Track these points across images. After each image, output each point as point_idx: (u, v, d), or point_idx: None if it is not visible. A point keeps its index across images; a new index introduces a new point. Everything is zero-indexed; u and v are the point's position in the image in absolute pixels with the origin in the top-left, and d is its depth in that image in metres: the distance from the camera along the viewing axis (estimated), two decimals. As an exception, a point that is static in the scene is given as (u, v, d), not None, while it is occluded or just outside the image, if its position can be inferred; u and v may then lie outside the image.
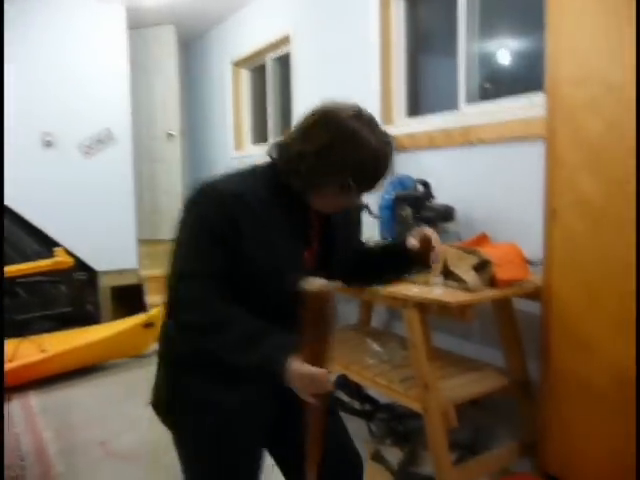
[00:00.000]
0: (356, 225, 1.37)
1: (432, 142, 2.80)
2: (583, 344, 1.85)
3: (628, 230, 1.70)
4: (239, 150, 5.05)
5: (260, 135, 4.96)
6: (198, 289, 1.06)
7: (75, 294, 4.09)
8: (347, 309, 3.13)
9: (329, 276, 1.00)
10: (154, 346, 3.71)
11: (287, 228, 1.14)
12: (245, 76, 5.02)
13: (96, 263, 4.18)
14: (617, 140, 1.71)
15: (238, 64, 4.94)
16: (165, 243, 5.32)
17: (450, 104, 2.90)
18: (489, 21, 2.83)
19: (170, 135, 5.00)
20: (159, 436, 2.55)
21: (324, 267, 1.20)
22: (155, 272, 4.25)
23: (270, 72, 4.63)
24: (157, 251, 4.57)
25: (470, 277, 1.93)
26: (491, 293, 1.95)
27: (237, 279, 1.09)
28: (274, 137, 4.67)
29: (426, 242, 1.22)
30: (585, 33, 1.79)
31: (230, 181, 1.12)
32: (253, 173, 1.16)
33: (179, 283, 1.08)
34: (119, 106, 4.21)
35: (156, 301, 3.97)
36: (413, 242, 1.25)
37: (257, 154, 4.72)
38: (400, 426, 2.34)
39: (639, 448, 1.53)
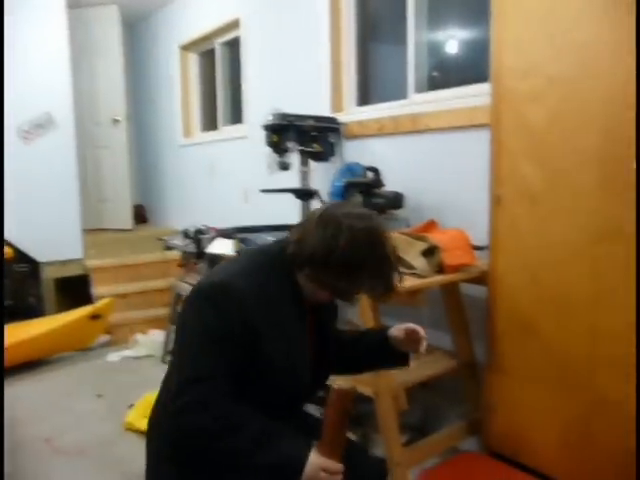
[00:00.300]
0: (335, 312, 1.38)
1: (381, 129, 2.82)
2: (526, 327, 1.92)
3: (566, 216, 1.77)
4: (188, 137, 4.94)
5: (210, 121, 4.86)
6: (210, 392, 1.05)
7: (16, 286, 3.91)
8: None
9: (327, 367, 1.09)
10: (101, 338, 3.62)
11: (295, 323, 1.17)
12: (193, 60, 4.89)
13: (39, 254, 4.00)
14: (558, 130, 1.77)
15: (186, 48, 4.81)
16: (111, 232, 5.10)
17: (399, 93, 2.92)
18: (437, 11, 2.86)
19: (115, 120, 4.83)
20: (106, 431, 2.50)
21: (321, 359, 1.23)
22: (101, 262, 4.12)
23: (219, 57, 4.53)
24: (103, 240, 4.42)
25: (419, 263, 1.96)
26: (439, 278, 2.00)
27: (250, 378, 1.10)
28: (224, 123, 4.59)
29: (412, 334, 1.27)
30: (526, 25, 1.83)
31: (240, 277, 1.11)
32: (260, 266, 1.16)
33: (189, 386, 1.05)
34: (60, 89, 4.01)
35: (103, 292, 3.85)
36: (396, 333, 1.29)
37: (206, 141, 4.63)
38: (352, 410, 2.38)
39: (639, 447, 1.58)
